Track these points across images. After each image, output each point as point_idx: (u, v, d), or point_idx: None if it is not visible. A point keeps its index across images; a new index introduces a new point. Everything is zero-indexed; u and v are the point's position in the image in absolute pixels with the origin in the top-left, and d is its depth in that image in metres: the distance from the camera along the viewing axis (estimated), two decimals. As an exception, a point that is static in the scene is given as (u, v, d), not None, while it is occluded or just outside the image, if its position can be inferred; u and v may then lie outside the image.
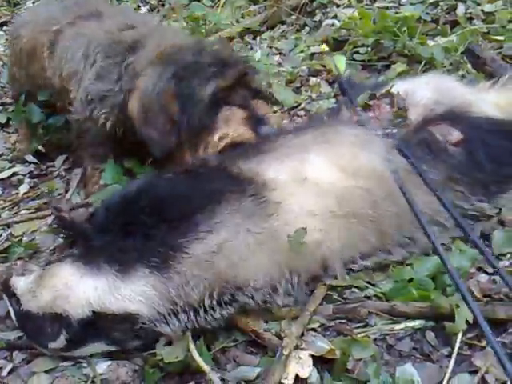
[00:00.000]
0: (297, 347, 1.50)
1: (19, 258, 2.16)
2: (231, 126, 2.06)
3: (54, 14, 2.61)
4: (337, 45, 3.18)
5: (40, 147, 2.89)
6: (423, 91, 2.06)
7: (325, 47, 2.34)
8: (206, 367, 1.50)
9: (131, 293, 1.57)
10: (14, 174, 2.83)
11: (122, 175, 2.32)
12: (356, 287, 1.71)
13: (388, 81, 2.33)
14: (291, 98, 2.78)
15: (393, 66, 2.80)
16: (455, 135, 1.87)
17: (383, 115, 2.00)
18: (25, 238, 2.28)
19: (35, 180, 2.73)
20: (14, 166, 2.89)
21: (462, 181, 1.81)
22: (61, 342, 1.59)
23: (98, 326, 1.58)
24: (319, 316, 1.63)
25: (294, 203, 1.67)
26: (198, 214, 1.63)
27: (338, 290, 1.72)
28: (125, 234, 1.66)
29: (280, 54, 3.40)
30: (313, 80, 3.01)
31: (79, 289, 1.59)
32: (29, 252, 2.18)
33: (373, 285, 1.71)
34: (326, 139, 1.82)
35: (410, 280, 1.64)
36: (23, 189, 2.66)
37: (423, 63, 2.73)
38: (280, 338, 1.54)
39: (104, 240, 1.68)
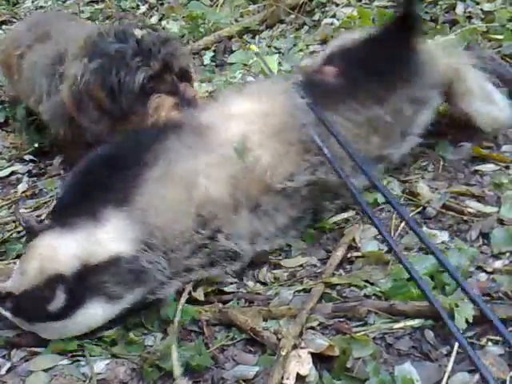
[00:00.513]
0: (295, 347, 1.49)
1: (18, 256, 2.15)
2: (161, 112, 2.14)
3: (18, 35, 2.85)
4: (336, 44, 3.19)
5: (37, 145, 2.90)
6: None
7: (254, 47, 2.41)
8: (176, 373, 1.50)
9: (107, 235, 1.62)
10: (13, 172, 2.82)
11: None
12: (355, 286, 1.70)
13: None
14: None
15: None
16: (326, 69, 2.06)
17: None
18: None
19: (34, 179, 2.73)
20: (12, 164, 2.88)
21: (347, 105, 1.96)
22: (60, 300, 1.59)
23: (91, 280, 1.60)
24: (318, 314, 1.63)
25: (228, 130, 1.82)
26: (146, 153, 1.75)
27: (337, 288, 1.72)
28: (87, 193, 1.73)
29: (279, 52, 3.39)
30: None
31: (62, 246, 1.62)
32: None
33: (372, 283, 1.70)
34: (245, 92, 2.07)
35: (409, 279, 1.64)
36: (22, 187, 2.65)
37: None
38: (278, 337, 1.53)
39: (69, 204, 1.75)
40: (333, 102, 1.95)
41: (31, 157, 2.90)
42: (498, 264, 1.69)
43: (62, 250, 1.62)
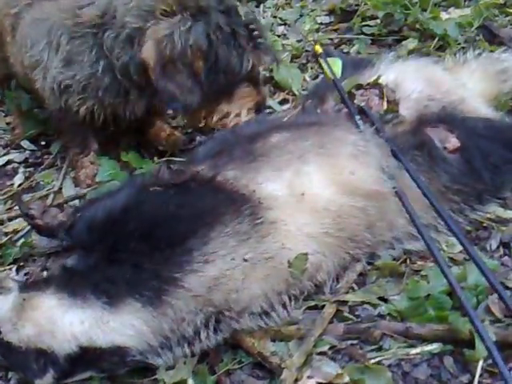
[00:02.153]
0: (297, 380, 1.42)
1: (15, 260, 2.07)
2: (243, 103, 2.01)
3: None
4: (345, 15, 3.02)
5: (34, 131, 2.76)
6: (413, 83, 1.96)
7: (319, 48, 2.16)
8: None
9: (120, 326, 1.48)
10: (9, 161, 2.70)
11: (119, 170, 2.21)
12: (368, 303, 1.61)
13: (375, 61, 2.17)
14: (297, 80, 2.62)
15: (404, 42, 2.64)
16: (453, 142, 1.78)
17: (372, 107, 1.89)
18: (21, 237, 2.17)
19: (30, 169, 2.61)
20: (8, 152, 2.75)
21: (459, 191, 1.74)
22: (48, 379, 1.50)
23: (86, 359, 1.49)
24: (329, 336, 1.55)
25: (290, 223, 1.59)
26: (191, 238, 1.53)
27: (349, 304, 1.63)
28: (111, 260, 1.57)
29: (285, 24, 3.22)
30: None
31: (64, 323, 1.49)
32: (25, 252, 2.08)
33: (386, 300, 1.61)
34: (323, 148, 1.71)
35: (427, 296, 1.54)
36: (18, 180, 2.54)
37: (436, 39, 2.55)
38: (282, 366, 1.45)
39: (88, 265, 1.60)
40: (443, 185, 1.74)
41: (28, 143, 2.76)
42: (521, 279, 1.59)
43: (64, 329, 1.48)
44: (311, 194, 1.63)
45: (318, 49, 2.18)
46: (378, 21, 2.82)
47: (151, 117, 2.35)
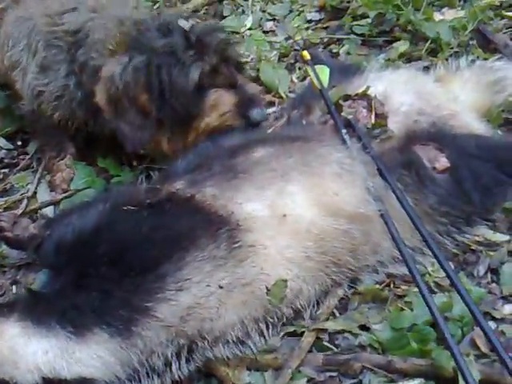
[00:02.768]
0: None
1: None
2: (219, 111, 1.90)
3: None
4: (336, 13, 2.91)
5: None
6: (403, 95, 1.87)
7: (306, 54, 2.05)
8: None
9: (87, 357, 1.40)
10: (-16, 161, 2.60)
11: (95, 177, 2.12)
12: (349, 332, 1.54)
13: (364, 68, 2.09)
14: (285, 81, 2.53)
15: (395, 44, 2.54)
16: (442, 162, 1.70)
17: (360, 120, 1.80)
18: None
19: (5, 171, 2.51)
20: (-16, 151, 2.66)
21: (447, 213, 1.66)
22: None
23: None
24: (307, 367, 1.48)
25: (270, 246, 1.52)
26: (164, 263, 1.45)
27: (329, 331, 1.56)
28: (79, 285, 1.48)
29: (274, 19, 3.11)
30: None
31: (27, 353, 1.40)
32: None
33: (367, 328, 1.54)
34: (307, 166, 1.63)
35: (410, 327, 1.47)
36: (-8, 181, 2.45)
37: (428, 42, 2.46)
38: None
39: (55, 289, 1.52)
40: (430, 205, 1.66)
41: (4, 141, 2.65)
42: (508, 309, 1.52)
43: (27, 359, 1.39)
44: (293, 215, 1.55)
45: (306, 55, 2.08)
46: (369, 20, 2.71)
47: None
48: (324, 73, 1.97)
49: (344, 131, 1.74)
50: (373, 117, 1.79)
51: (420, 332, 1.46)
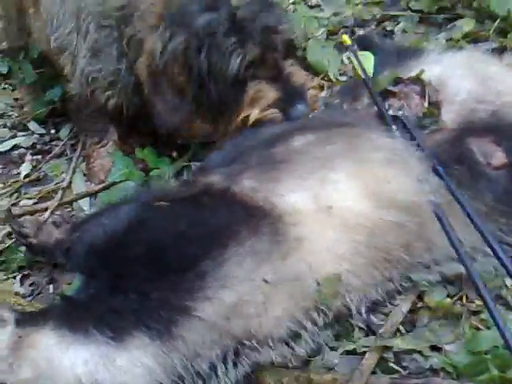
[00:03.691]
0: None
1: (19, 268, 1.87)
2: (259, 105, 1.75)
3: None
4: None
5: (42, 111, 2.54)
6: (461, 81, 1.67)
7: (347, 39, 1.84)
8: None
9: (129, 364, 1.26)
10: (16, 146, 2.49)
11: (133, 169, 1.97)
12: (419, 352, 1.37)
13: (420, 48, 1.92)
14: (334, 62, 2.33)
15: (458, 22, 2.33)
16: (498, 157, 1.52)
17: (411, 107, 1.64)
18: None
19: (38, 157, 2.40)
20: (15, 135, 2.55)
21: (506, 212, 1.48)
22: None
23: None
24: (370, 391, 1.32)
25: (317, 241, 1.36)
26: (204, 260, 1.31)
27: (394, 350, 1.39)
28: (115, 288, 1.34)
29: (318, -5, 2.90)
30: (359, 33, 2.55)
31: (65, 364, 1.26)
32: (30, 258, 1.87)
33: (439, 349, 1.37)
34: (354, 152, 1.47)
35: (487, 352, 1.30)
36: (25, 169, 2.33)
37: (497, 21, 2.23)
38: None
39: (89, 295, 1.38)
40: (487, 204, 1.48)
41: (36, 125, 2.54)
42: None
43: (66, 371, 1.27)
44: (340, 206, 1.39)
45: (347, 40, 1.89)
46: (428, -5, 2.49)
47: None
48: (368, 60, 1.81)
49: (390, 118, 1.59)
50: (425, 104, 1.61)
51: (501, 357, 1.28)
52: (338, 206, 1.38)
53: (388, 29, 2.52)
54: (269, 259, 1.33)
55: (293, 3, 2.83)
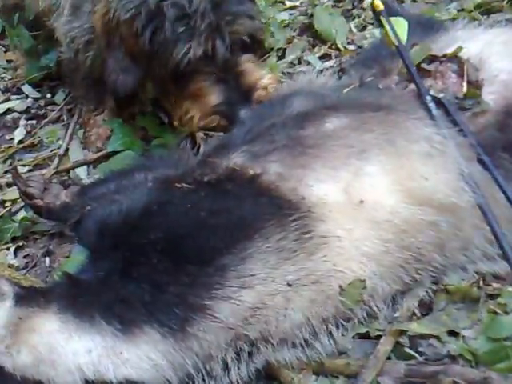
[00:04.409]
0: None
1: (13, 239, 1.79)
2: (198, 106, 1.67)
3: None
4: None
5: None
6: (502, 60, 1.56)
7: (379, 3, 1.71)
8: None
9: (136, 359, 1.20)
10: (9, 110, 2.39)
11: (134, 139, 1.89)
12: (436, 337, 1.32)
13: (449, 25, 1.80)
14: (342, 30, 2.24)
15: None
16: None
17: (448, 88, 1.52)
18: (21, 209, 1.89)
19: (33, 122, 2.30)
20: (8, 99, 2.45)
21: None
22: None
23: None
24: (386, 377, 1.27)
25: (345, 238, 1.28)
26: (226, 254, 1.23)
27: (409, 334, 1.34)
28: (126, 274, 1.26)
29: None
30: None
31: (67, 352, 1.20)
32: (25, 228, 1.80)
33: (456, 334, 1.32)
34: (391, 143, 1.37)
35: (506, 339, 1.26)
36: (18, 135, 2.25)
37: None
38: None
39: (98, 277, 1.30)
40: None
41: (30, 89, 2.44)
42: None
43: (67, 359, 1.20)
44: (372, 201, 1.31)
45: (378, 4, 1.78)
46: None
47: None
48: (401, 26, 1.69)
49: (429, 99, 1.48)
50: (464, 84, 1.51)
51: (524, 342, 1.24)
52: (369, 201, 1.30)
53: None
54: (293, 258, 1.26)
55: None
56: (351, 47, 2.27)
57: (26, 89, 2.45)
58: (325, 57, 2.27)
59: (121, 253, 1.30)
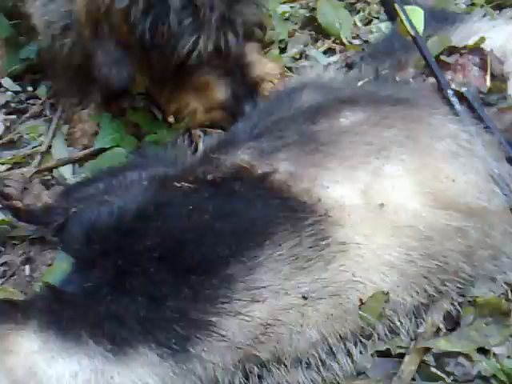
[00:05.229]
0: None
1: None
2: (201, 101, 1.59)
3: None
4: None
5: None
6: None
7: None
8: None
9: (124, 379, 1.06)
10: (-14, 104, 2.23)
11: (124, 134, 1.74)
12: (465, 355, 1.19)
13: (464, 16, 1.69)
14: (347, 24, 2.13)
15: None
16: None
17: (470, 82, 1.42)
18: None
19: (12, 117, 2.14)
20: (-15, 92, 2.28)
21: None
22: None
23: None
24: (410, 403, 1.14)
25: (364, 245, 1.16)
26: (233, 263, 1.10)
27: (434, 352, 1.21)
28: (119, 285, 1.12)
29: None
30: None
31: (50, 377, 1.05)
32: (2, 233, 1.65)
33: (487, 351, 1.19)
34: (414, 140, 1.25)
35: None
36: (-3, 131, 2.08)
37: None
38: None
39: (85, 289, 1.15)
40: None
41: (10, 82, 2.28)
42: None
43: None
44: (393, 204, 1.18)
45: None
46: None
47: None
48: (417, 16, 1.56)
49: (450, 93, 1.35)
50: (488, 78, 1.39)
51: None
52: (391, 204, 1.18)
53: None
54: (308, 267, 1.13)
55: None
56: (356, 42, 2.16)
57: (6, 82, 2.28)
58: (329, 51, 2.16)
59: (112, 261, 1.15)
